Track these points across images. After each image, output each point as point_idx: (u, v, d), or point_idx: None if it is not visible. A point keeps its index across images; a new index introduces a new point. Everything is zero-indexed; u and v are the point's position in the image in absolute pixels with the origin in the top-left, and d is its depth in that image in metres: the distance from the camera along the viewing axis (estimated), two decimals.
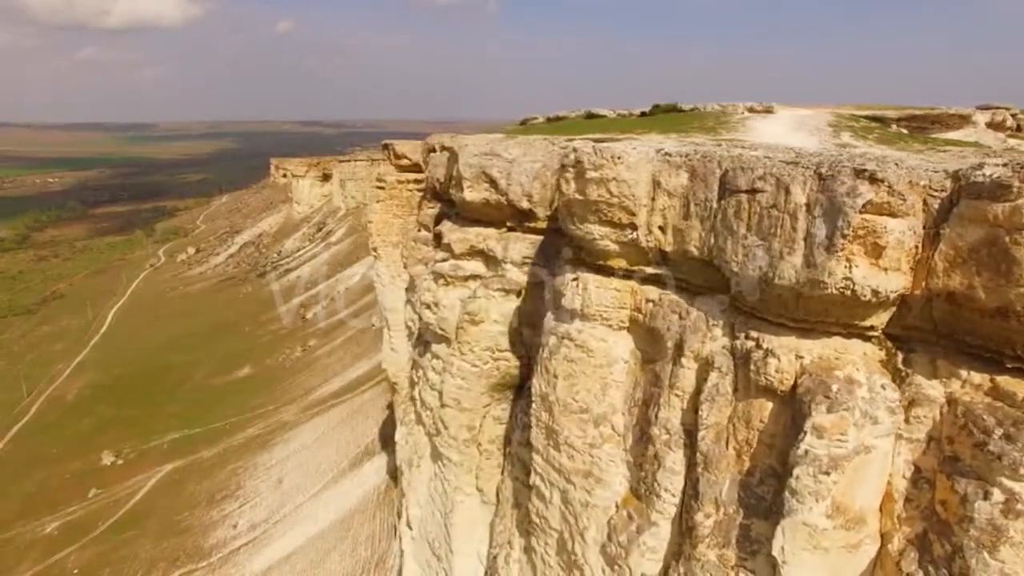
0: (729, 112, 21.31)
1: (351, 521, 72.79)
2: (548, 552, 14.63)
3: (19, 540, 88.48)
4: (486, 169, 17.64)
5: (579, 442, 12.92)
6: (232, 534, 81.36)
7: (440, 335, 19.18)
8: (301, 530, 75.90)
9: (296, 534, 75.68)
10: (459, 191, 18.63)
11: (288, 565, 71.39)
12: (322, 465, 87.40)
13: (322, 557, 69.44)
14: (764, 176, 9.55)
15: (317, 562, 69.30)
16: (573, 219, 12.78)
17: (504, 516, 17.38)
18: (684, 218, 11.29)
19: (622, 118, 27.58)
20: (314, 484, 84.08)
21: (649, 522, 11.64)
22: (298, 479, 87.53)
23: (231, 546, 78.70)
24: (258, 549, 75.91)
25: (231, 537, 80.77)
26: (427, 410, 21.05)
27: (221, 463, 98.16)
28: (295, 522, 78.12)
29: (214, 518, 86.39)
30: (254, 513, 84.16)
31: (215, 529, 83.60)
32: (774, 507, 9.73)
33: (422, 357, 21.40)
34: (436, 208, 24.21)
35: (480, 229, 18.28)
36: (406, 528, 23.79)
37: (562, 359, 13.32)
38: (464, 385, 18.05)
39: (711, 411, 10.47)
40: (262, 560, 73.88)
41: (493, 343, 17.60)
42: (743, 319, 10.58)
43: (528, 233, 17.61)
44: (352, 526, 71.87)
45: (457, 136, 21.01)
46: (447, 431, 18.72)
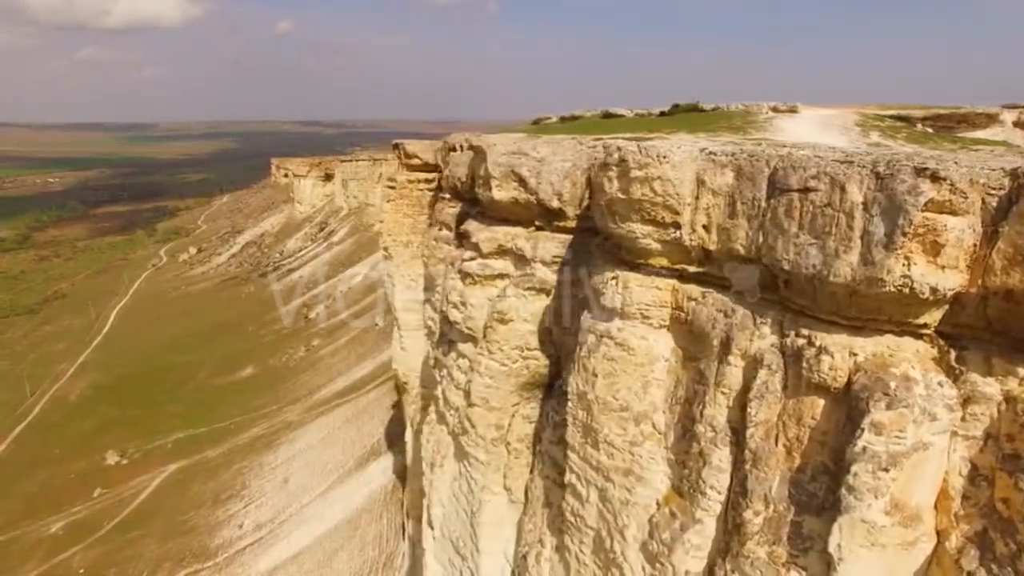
0: (754, 112, 21.37)
1: (358, 521, 72.79)
2: (583, 550, 14.67)
3: (24, 540, 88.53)
4: (515, 168, 17.70)
5: (619, 440, 12.98)
6: (238, 534, 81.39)
7: (467, 334, 19.23)
8: (308, 530, 75.89)
9: (303, 534, 75.65)
10: (487, 190, 18.69)
11: (295, 565, 71.37)
12: (328, 465, 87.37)
13: (329, 557, 69.43)
14: (817, 175, 9.61)
15: (324, 562, 69.29)
16: (614, 218, 12.83)
17: (534, 515, 17.42)
18: (730, 217, 11.34)
19: (640, 118, 27.64)
20: (320, 484, 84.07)
21: (693, 519, 11.70)
22: (304, 479, 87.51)
23: (237, 546, 78.72)
24: (264, 549, 75.92)
25: (237, 537, 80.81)
26: (451, 409, 21.09)
27: (226, 463, 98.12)
28: (301, 522, 78.11)
29: (220, 518, 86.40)
30: (260, 513, 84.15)
31: (221, 529, 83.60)
32: (826, 504, 9.79)
33: (446, 356, 21.44)
34: (457, 207, 24.27)
35: (508, 228, 18.34)
36: (427, 527, 23.82)
37: (601, 357, 13.37)
38: (492, 384, 18.10)
39: (760, 408, 10.52)
40: (268, 560, 73.86)
41: (522, 342, 17.65)
42: (791, 317, 10.64)
43: (557, 232, 17.66)
44: (359, 526, 71.86)
45: (482, 135, 21.06)
46: (474, 430, 18.77)
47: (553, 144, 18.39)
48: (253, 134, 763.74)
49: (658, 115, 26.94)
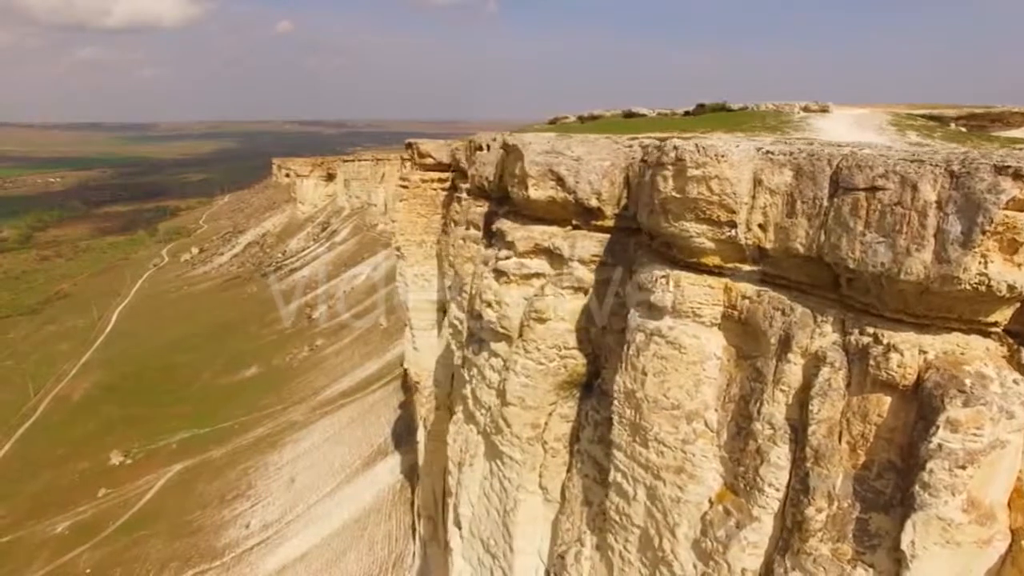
0: (786, 112, 21.43)
1: (367, 520, 72.76)
2: (628, 549, 14.71)
3: (30, 540, 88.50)
4: (553, 167, 17.75)
5: (670, 438, 13.02)
6: (244, 534, 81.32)
7: (501, 333, 19.27)
8: (315, 529, 75.83)
9: (310, 534, 75.59)
10: (522, 189, 18.73)
11: (303, 565, 71.31)
12: (334, 464, 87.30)
13: (338, 556, 69.39)
14: (886, 174, 9.66)
15: (333, 561, 69.23)
16: (667, 216, 12.88)
17: (571, 514, 17.46)
18: (788, 216, 11.39)
19: (665, 117, 27.69)
20: (327, 483, 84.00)
21: (751, 517, 11.74)
22: (310, 479, 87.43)
23: (244, 546, 78.66)
24: (272, 549, 75.85)
25: (243, 537, 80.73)
26: (482, 409, 21.12)
27: (231, 463, 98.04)
28: (309, 521, 78.06)
29: (226, 518, 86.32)
30: (266, 513, 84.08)
31: (227, 529, 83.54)
32: (894, 501, 9.84)
33: (476, 356, 21.47)
34: (485, 206, 24.33)
35: (544, 227, 18.39)
36: (453, 527, 23.86)
37: (652, 356, 13.42)
38: (529, 383, 18.13)
39: (823, 406, 10.57)
40: (276, 560, 73.80)
41: (560, 341, 17.69)
42: (854, 315, 10.70)
43: (594, 231, 17.71)
44: (368, 525, 71.83)
45: (514, 134, 21.10)
46: (509, 429, 18.80)
47: (588, 143, 18.44)
48: (253, 134, 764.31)
49: (683, 115, 26.98)
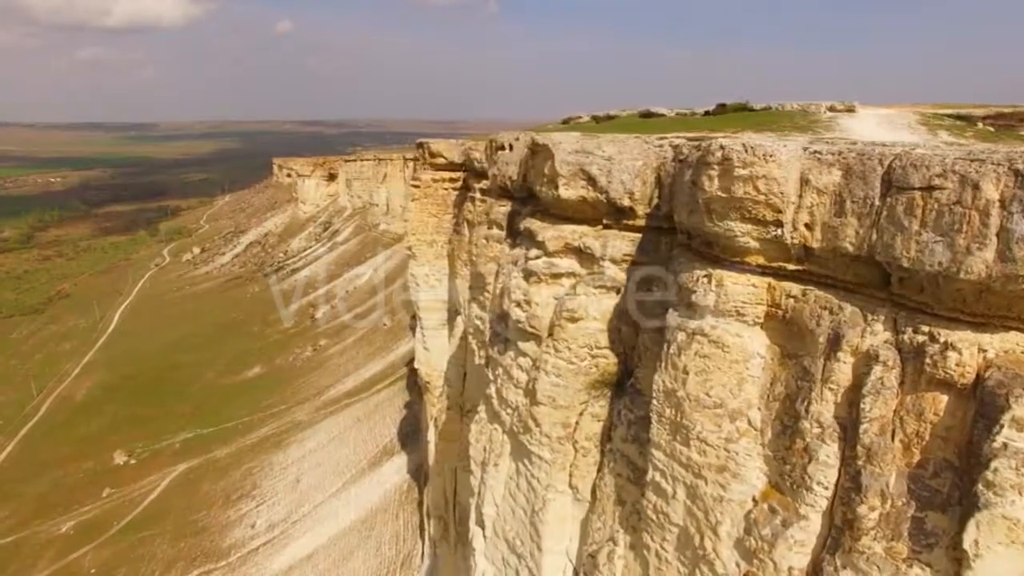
0: (812, 111, 21.46)
1: (373, 520, 72.77)
2: (665, 547, 14.74)
3: (35, 539, 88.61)
4: (585, 167, 17.79)
5: (713, 437, 13.06)
6: (250, 534, 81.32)
7: (530, 333, 19.29)
8: (322, 529, 75.88)
9: (317, 534, 75.63)
10: (552, 189, 18.78)
11: (310, 565, 71.35)
12: (340, 464, 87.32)
13: (345, 556, 69.42)
14: (944, 173, 9.69)
15: (340, 561, 69.28)
16: (711, 216, 12.92)
17: (603, 513, 17.48)
18: (837, 215, 11.43)
19: (684, 117, 27.72)
20: (333, 483, 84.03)
21: (798, 515, 11.77)
22: (316, 478, 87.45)
23: (250, 546, 78.67)
24: (278, 549, 75.88)
25: (249, 537, 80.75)
26: (508, 408, 21.13)
27: (236, 463, 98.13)
28: (315, 522, 78.08)
29: (231, 518, 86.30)
30: (272, 513, 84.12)
31: (232, 529, 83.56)
32: (952, 500, 9.87)
33: (502, 355, 21.49)
34: (508, 206, 24.36)
35: (574, 227, 18.44)
36: (476, 527, 23.86)
37: (694, 355, 13.45)
38: (560, 383, 18.16)
39: (875, 404, 10.60)
40: (282, 560, 73.79)
41: (592, 340, 17.72)
42: (906, 314, 10.73)
43: (625, 230, 17.76)
44: (375, 525, 71.83)
45: (543, 133, 21.12)
46: (539, 429, 18.82)
47: (619, 143, 18.48)
48: (254, 134, 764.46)
49: (703, 114, 27.01)
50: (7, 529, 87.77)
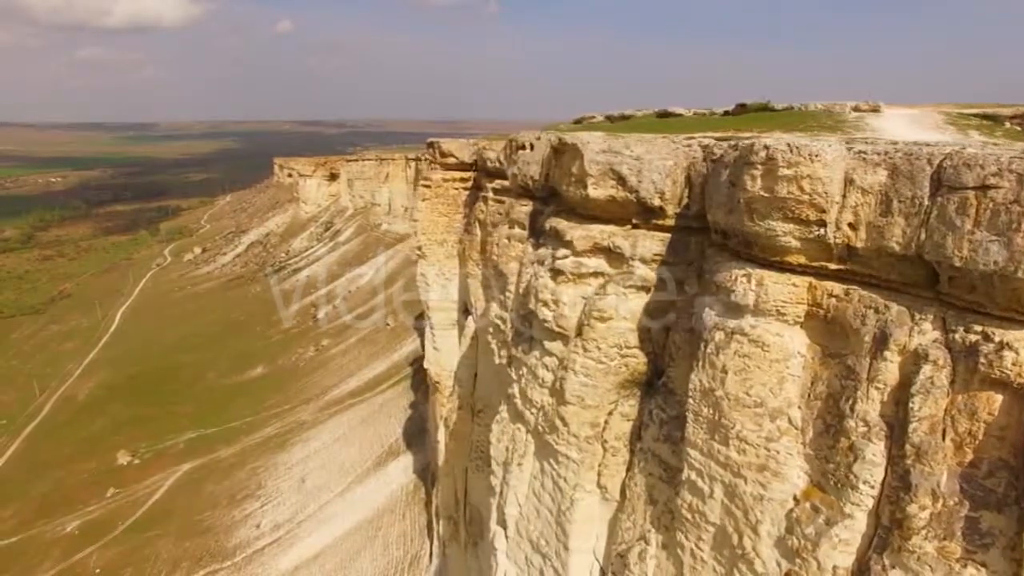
0: (837, 111, 21.49)
1: (380, 520, 72.68)
2: (700, 547, 14.75)
3: (40, 539, 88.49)
4: (615, 166, 17.79)
5: (753, 436, 13.07)
6: (255, 534, 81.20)
7: (557, 332, 19.30)
8: (328, 530, 75.75)
9: (323, 534, 75.52)
10: (580, 188, 18.78)
11: (316, 565, 71.26)
12: (345, 464, 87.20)
13: (352, 557, 69.32)
14: (1000, 172, 9.72)
15: (347, 562, 69.19)
16: (752, 216, 12.94)
17: (633, 512, 17.49)
18: (882, 215, 11.45)
19: (702, 117, 27.72)
20: (338, 483, 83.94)
21: (842, 514, 11.78)
22: (321, 478, 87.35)
23: (255, 546, 78.54)
24: (284, 549, 75.77)
25: (254, 537, 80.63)
26: (533, 408, 21.14)
27: (239, 463, 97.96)
28: (321, 521, 77.98)
29: (236, 518, 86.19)
30: (277, 513, 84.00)
31: (238, 529, 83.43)
32: (1008, 499, 9.88)
33: (527, 355, 21.49)
34: (529, 206, 24.37)
35: (603, 226, 18.44)
36: (498, 527, 23.86)
37: (733, 354, 13.47)
38: (589, 382, 18.17)
39: (925, 403, 10.62)
40: (288, 560, 73.70)
41: (621, 340, 17.73)
42: (956, 313, 10.75)
43: (654, 230, 17.77)
44: (382, 526, 71.75)
45: (571, 132, 21.11)
46: (566, 428, 18.83)
47: (647, 143, 18.48)
48: (254, 133, 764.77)
49: (722, 114, 27.02)
50: (11, 529, 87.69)
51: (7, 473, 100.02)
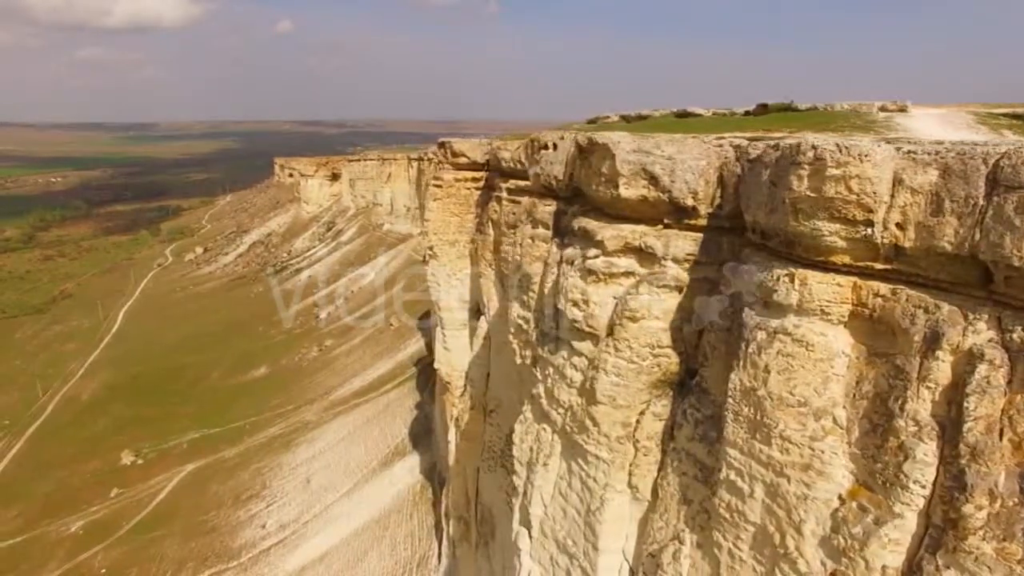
0: (864, 111, 21.49)
1: (387, 521, 72.61)
2: (739, 546, 14.73)
3: (44, 539, 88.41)
4: (647, 166, 17.79)
5: (797, 435, 13.06)
6: (261, 534, 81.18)
7: (587, 332, 19.30)
8: (334, 530, 75.70)
9: (329, 534, 75.47)
10: (610, 188, 18.80)
11: (323, 565, 71.22)
12: (351, 465, 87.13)
13: (359, 557, 69.26)
14: None
15: (354, 562, 69.11)
16: (797, 216, 12.93)
17: (665, 512, 17.48)
18: (933, 215, 11.45)
19: (724, 117, 27.71)
20: (344, 483, 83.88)
21: (892, 513, 11.77)
22: (327, 479, 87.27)
23: (261, 546, 78.50)
24: (290, 549, 75.73)
25: (260, 537, 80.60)
26: (560, 408, 21.14)
27: (244, 463, 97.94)
28: (327, 522, 77.91)
29: (241, 518, 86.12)
30: (283, 513, 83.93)
31: (243, 529, 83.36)
32: None
33: (553, 355, 21.48)
34: (553, 205, 24.36)
35: (634, 226, 18.44)
36: (520, 527, 23.84)
37: (776, 354, 13.46)
38: (620, 382, 18.16)
39: (980, 403, 10.61)
40: (295, 560, 73.65)
41: (654, 340, 17.73)
42: (1012, 313, 10.75)
43: (686, 230, 17.78)
44: (389, 526, 71.68)
45: (599, 132, 21.09)
46: (597, 428, 18.82)
47: (677, 143, 18.49)
48: (254, 133, 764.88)
49: (743, 115, 27.01)
50: (16, 529, 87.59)
51: (11, 473, 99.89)
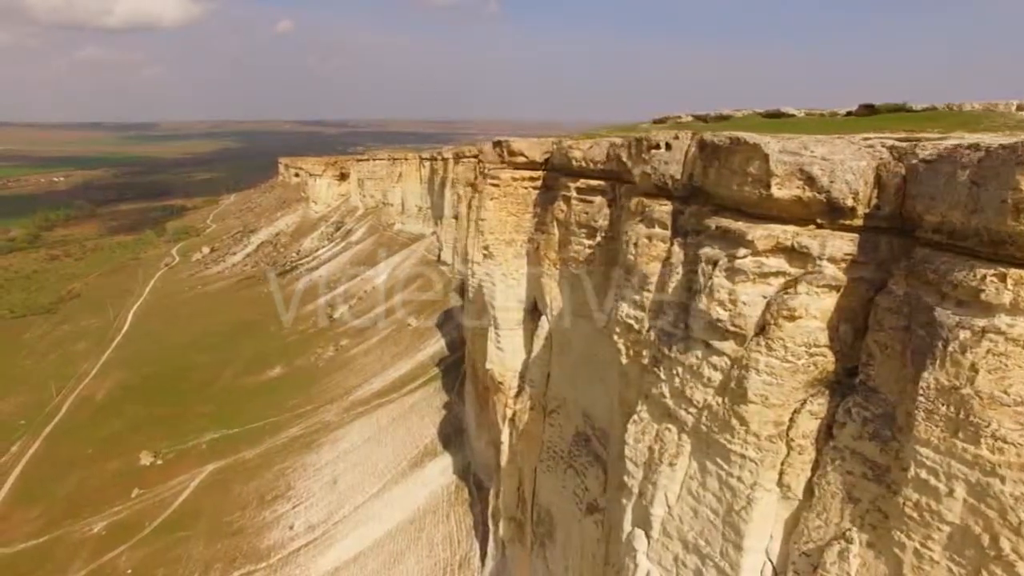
0: (1002, 111, 21.57)
1: (423, 522, 72.41)
2: (929, 546, 14.75)
3: (68, 539, 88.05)
4: (804, 167, 17.85)
5: (1014, 435, 13.09)
6: (289, 535, 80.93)
7: (731, 331, 19.33)
8: (366, 531, 75.47)
9: (361, 535, 75.24)
10: (759, 188, 18.86)
11: (357, 566, 71.04)
12: (379, 465, 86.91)
13: (395, 559, 69.05)
14: None
15: (390, 564, 68.90)
16: (1019, 216, 12.99)
17: (824, 511, 17.50)
18: None
19: (822, 118, 27.77)
20: (372, 484, 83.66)
21: None
22: (354, 479, 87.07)
23: (290, 547, 78.27)
24: (321, 550, 75.52)
25: (288, 538, 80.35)
26: (691, 407, 21.18)
27: (266, 464, 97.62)
28: (358, 523, 77.69)
29: (267, 519, 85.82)
30: (310, 514, 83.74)
31: (270, 530, 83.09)
32: None
33: (684, 354, 21.50)
34: (668, 205, 24.37)
35: (785, 226, 18.48)
36: (637, 529, 23.84)
37: (985, 353, 13.49)
38: (773, 381, 18.18)
39: None
40: (327, 561, 73.45)
41: (811, 339, 17.76)
42: None
43: (842, 231, 17.84)
44: (425, 527, 71.50)
45: (740, 132, 21.09)
46: (744, 428, 18.84)
47: (826, 143, 18.62)
48: (254, 133, 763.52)
49: (844, 115, 27.05)
50: (38, 529, 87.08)
51: (31, 473, 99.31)
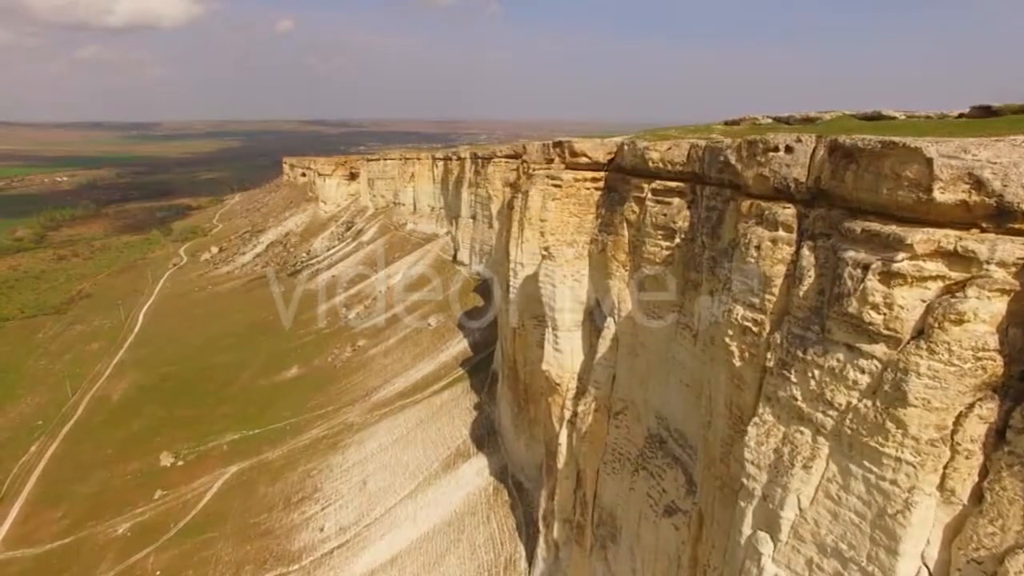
0: None
1: (462, 523, 72.17)
2: None
3: (93, 540, 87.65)
4: (973, 171, 17.77)
5: None
6: (320, 537, 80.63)
7: (884, 335, 19.24)
8: (401, 533, 75.11)
9: (395, 537, 74.90)
10: (918, 192, 18.79)
11: (395, 568, 70.74)
12: (409, 467, 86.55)
13: (436, 560, 68.76)
14: None
15: (430, 566, 68.59)
16: None
17: (999, 517, 17.44)
18: None
19: (930, 120, 27.71)
20: (404, 486, 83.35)
21: None
22: (384, 480, 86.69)
23: (322, 549, 77.99)
24: (355, 552, 75.22)
25: (319, 540, 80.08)
26: (831, 410, 21.14)
27: (290, 465, 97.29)
28: (392, 525, 77.34)
29: (295, 521, 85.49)
30: (341, 516, 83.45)
31: (299, 532, 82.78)
32: None
33: (822, 356, 21.42)
34: (791, 208, 24.25)
35: (946, 230, 18.39)
36: (761, 532, 23.74)
37: None
38: (936, 385, 18.09)
39: None
40: (362, 563, 73.15)
41: (979, 343, 17.68)
42: None
43: (1011, 235, 17.75)
44: (464, 528, 71.25)
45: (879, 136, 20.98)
46: (900, 431, 18.77)
47: (989, 146, 18.53)
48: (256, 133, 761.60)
49: (956, 117, 27.00)
50: (63, 530, 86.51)
51: (52, 474, 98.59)
